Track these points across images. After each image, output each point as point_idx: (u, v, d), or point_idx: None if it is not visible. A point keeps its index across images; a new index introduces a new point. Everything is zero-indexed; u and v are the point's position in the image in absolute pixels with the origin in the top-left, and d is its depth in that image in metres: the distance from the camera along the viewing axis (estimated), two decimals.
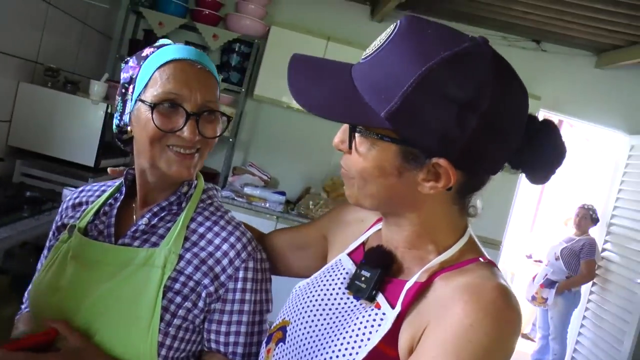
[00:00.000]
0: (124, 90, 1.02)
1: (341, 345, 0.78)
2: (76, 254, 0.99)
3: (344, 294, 0.86)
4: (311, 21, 4.26)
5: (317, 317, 0.86)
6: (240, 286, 0.97)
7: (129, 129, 1.01)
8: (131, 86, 0.99)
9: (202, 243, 0.99)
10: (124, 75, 1.02)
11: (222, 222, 1.02)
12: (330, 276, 0.91)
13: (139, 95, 0.96)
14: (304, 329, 0.86)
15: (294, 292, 0.95)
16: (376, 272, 0.82)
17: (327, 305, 0.87)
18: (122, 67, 1.03)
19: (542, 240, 6.01)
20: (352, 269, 0.89)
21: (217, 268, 0.97)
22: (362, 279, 0.83)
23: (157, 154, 0.95)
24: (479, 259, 0.80)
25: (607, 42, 4.07)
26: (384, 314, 0.78)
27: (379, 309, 0.79)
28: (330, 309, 0.86)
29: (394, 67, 0.72)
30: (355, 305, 0.83)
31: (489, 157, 0.76)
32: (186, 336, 0.96)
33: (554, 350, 4.54)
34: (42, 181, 2.74)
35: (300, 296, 0.92)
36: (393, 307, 0.78)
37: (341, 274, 0.90)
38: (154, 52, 0.99)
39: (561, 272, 4.46)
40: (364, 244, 0.94)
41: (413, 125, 0.71)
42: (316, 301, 0.88)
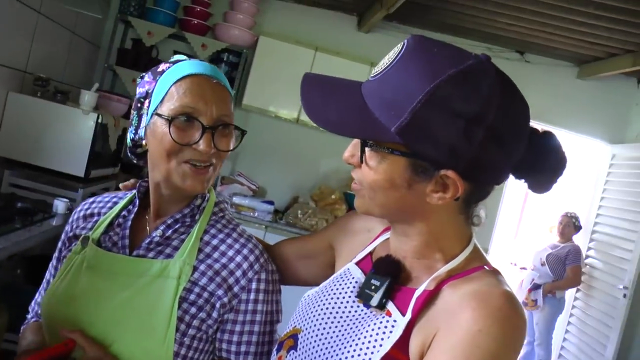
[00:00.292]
0: (139, 104, 1.03)
1: (354, 351, 0.80)
2: (91, 264, 1.00)
3: (354, 302, 0.89)
4: (299, 31, 4.30)
5: (328, 324, 0.88)
6: (253, 297, 0.99)
7: (143, 142, 1.02)
8: (147, 101, 1.01)
9: (216, 255, 1.01)
10: (139, 90, 1.03)
11: (234, 235, 1.04)
12: (340, 285, 0.93)
13: (155, 109, 0.98)
14: (316, 336, 0.88)
15: (303, 301, 0.97)
16: (386, 281, 0.84)
17: (339, 313, 0.89)
18: (137, 82, 1.05)
19: (526, 247, 6.09)
20: (361, 277, 0.92)
21: (231, 279, 0.99)
22: (372, 287, 0.85)
23: (172, 167, 0.97)
24: (484, 267, 0.84)
25: (589, 53, 4.17)
26: (395, 321, 0.80)
27: (389, 316, 0.81)
28: (341, 317, 0.88)
29: (403, 84, 0.75)
30: (365, 313, 0.85)
31: (494, 168, 0.79)
32: (200, 346, 0.97)
33: (539, 356, 4.60)
34: (31, 192, 2.72)
35: (310, 304, 0.94)
36: (403, 315, 0.80)
37: (350, 282, 0.92)
38: (169, 67, 1.00)
39: (547, 276, 4.53)
40: (371, 253, 0.96)
41: (422, 139, 0.75)
42: (327, 309, 0.90)
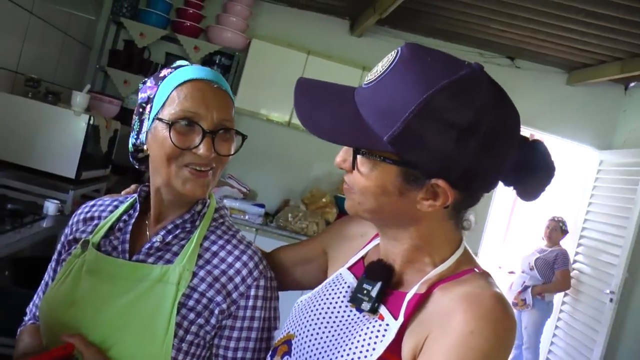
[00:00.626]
0: (141, 109, 1.03)
1: (347, 356, 0.81)
2: (91, 268, 1.00)
3: (346, 306, 0.90)
4: (292, 35, 4.31)
5: (322, 329, 0.89)
6: (251, 303, 0.99)
7: (145, 147, 1.02)
8: (148, 106, 1.01)
9: (215, 261, 1.01)
10: (141, 95, 1.04)
11: (234, 241, 1.04)
12: (333, 290, 0.94)
13: (157, 114, 0.98)
14: (310, 341, 0.89)
15: (296, 307, 0.98)
16: (378, 285, 0.85)
17: (332, 318, 0.90)
18: (139, 88, 1.05)
19: (515, 251, 6.13)
20: (353, 282, 0.93)
21: (230, 285, 0.99)
22: (364, 292, 0.86)
23: (172, 172, 0.97)
24: (475, 269, 0.85)
25: (578, 60, 4.22)
26: (387, 324, 0.82)
27: (382, 320, 0.83)
28: (334, 322, 0.89)
29: (396, 93, 0.76)
30: (358, 317, 0.87)
31: (485, 176, 0.80)
32: (197, 352, 0.97)
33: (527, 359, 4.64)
34: (22, 193, 2.70)
35: (303, 310, 0.95)
36: (396, 318, 0.81)
37: (343, 287, 0.93)
38: (171, 72, 1.00)
39: (536, 280, 4.56)
40: (363, 258, 0.97)
41: (414, 149, 0.75)
42: (320, 314, 0.91)
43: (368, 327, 0.83)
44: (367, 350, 0.80)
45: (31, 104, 2.76)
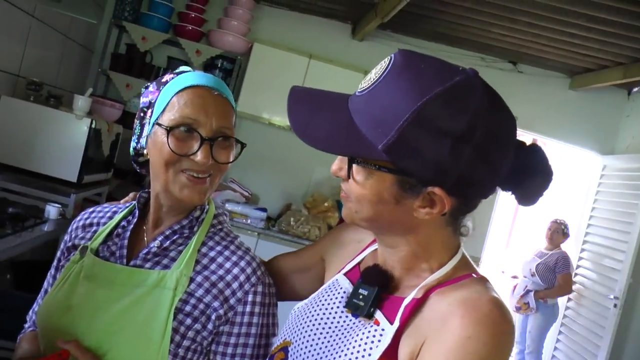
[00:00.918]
0: (142, 114, 1.04)
1: None
2: (89, 274, 1.00)
3: (342, 312, 0.89)
4: (293, 39, 4.32)
5: (317, 336, 0.88)
6: (249, 309, 0.99)
7: (145, 152, 1.03)
8: (150, 110, 1.02)
9: (213, 266, 1.01)
10: (143, 100, 1.04)
11: (232, 247, 1.04)
12: (329, 296, 0.94)
13: (157, 119, 0.98)
14: (306, 348, 0.88)
15: (293, 313, 0.97)
16: (374, 290, 0.85)
17: (327, 324, 0.89)
18: (142, 92, 1.06)
19: (518, 256, 6.11)
20: (349, 287, 0.92)
21: (227, 291, 0.98)
22: (360, 297, 0.86)
23: (170, 177, 0.97)
24: (472, 274, 0.84)
25: (580, 65, 4.21)
26: (383, 329, 0.81)
27: (377, 325, 0.82)
28: (330, 328, 0.88)
29: (390, 101, 0.75)
30: (354, 323, 0.86)
31: (481, 183, 0.80)
32: (194, 357, 0.97)
33: None
34: (23, 197, 2.71)
35: (299, 317, 0.94)
36: (391, 323, 0.81)
37: (339, 293, 0.93)
38: (173, 78, 1.01)
39: (539, 286, 4.54)
40: (359, 263, 0.97)
41: (409, 157, 0.75)
42: (316, 321, 0.91)
43: (364, 333, 0.82)
44: (363, 356, 0.79)
45: (33, 108, 2.77)
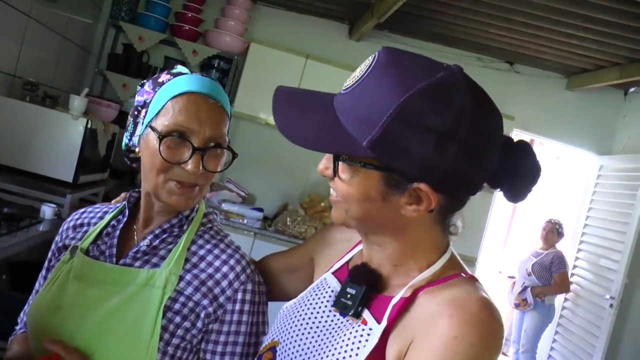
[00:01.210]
0: (136, 112, 1.04)
1: None
2: (78, 274, 1.00)
3: (330, 311, 0.89)
4: (290, 39, 4.32)
5: (305, 335, 0.88)
6: (238, 308, 0.99)
7: (137, 150, 1.03)
8: (144, 110, 1.02)
9: (202, 265, 1.01)
10: (138, 98, 1.04)
11: (222, 245, 1.04)
12: (317, 295, 0.94)
13: (151, 121, 0.99)
14: (294, 348, 0.88)
15: (281, 313, 0.97)
16: (362, 289, 0.85)
17: (315, 324, 0.89)
18: (137, 90, 1.05)
19: (515, 256, 6.11)
20: (337, 287, 0.92)
21: (217, 289, 0.99)
22: (348, 296, 0.86)
23: (159, 183, 0.98)
24: (461, 274, 0.84)
25: (577, 65, 4.22)
26: (370, 329, 0.81)
27: (365, 324, 0.82)
28: (318, 327, 0.88)
29: (373, 98, 0.76)
30: (342, 322, 0.86)
31: (467, 180, 0.80)
32: (183, 356, 0.97)
33: None
34: (19, 197, 2.70)
35: (288, 316, 0.94)
36: (379, 323, 0.80)
37: (327, 292, 0.93)
38: (170, 79, 1.00)
39: (535, 285, 4.55)
40: (347, 262, 0.97)
41: (394, 153, 0.75)
42: (304, 320, 0.91)
43: (351, 332, 0.82)
44: (350, 356, 0.79)
45: (29, 108, 2.76)
